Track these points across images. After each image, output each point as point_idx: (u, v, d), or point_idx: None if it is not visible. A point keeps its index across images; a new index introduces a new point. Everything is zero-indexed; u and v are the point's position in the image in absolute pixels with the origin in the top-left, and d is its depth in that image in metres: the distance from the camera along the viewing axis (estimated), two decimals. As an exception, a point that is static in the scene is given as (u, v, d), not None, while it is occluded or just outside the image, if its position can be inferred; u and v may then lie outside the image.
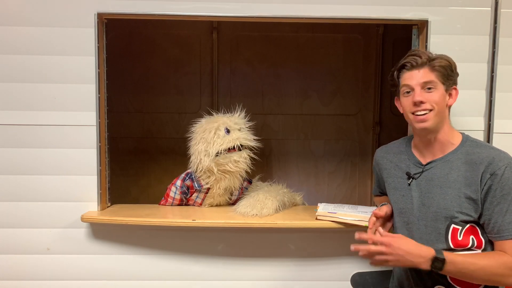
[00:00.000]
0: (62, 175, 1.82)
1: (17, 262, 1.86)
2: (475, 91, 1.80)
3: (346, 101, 3.14)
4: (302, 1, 1.76)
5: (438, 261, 1.25)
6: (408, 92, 1.41)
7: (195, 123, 1.93)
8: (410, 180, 1.46)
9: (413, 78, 1.39)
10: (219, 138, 1.81)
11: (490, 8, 1.77)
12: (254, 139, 1.90)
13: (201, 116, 1.95)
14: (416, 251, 1.27)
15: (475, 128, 1.79)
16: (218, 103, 3.07)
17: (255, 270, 1.88)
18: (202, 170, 1.85)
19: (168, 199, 1.98)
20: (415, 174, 1.45)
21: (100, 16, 1.76)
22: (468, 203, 1.34)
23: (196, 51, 3.05)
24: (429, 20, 1.76)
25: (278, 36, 3.04)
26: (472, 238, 1.34)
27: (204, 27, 3.02)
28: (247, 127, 1.92)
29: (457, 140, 1.43)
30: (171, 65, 3.04)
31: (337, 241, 1.86)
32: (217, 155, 1.80)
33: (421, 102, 1.36)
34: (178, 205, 1.99)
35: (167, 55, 3.02)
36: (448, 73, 1.39)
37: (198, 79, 3.08)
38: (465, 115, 1.80)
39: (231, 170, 1.83)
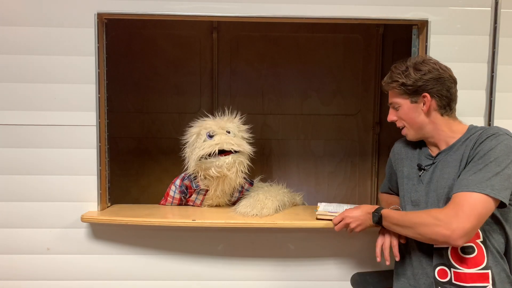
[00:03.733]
0: (62, 175, 1.82)
1: (17, 262, 1.86)
2: (475, 91, 1.81)
3: (346, 101, 3.15)
4: (302, 1, 1.76)
5: (375, 216, 1.47)
6: None
7: (191, 125, 1.91)
8: (421, 172, 1.49)
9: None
10: (199, 143, 1.79)
11: (490, 8, 1.77)
12: (249, 142, 1.86)
13: (201, 116, 1.94)
14: (361, 211, 1.53)
15: (475, 128, 1.80)
16: (218, 103, 3.07)
17: (255, 270, 1.88)
18: (193, 173, 1.85)
19: (168, 198, 1.99)
20: (426, 166, 1.48)
21: (100, 16, 1.76)
22: None
23: (196, 51, 3.05)
24: (429, 20, 1.76)
25: (278, 36, 3.04)
26: None
27: (204, 27, 3.02)
28: (240, 130, 1.88)
29: (462, 131, 1.45)
30: (171, 65, 3.04)
31: (337, 241, 1.86)
32: (200, 160, 1.78)
33: (393, 121, 1.54)
34: (178, 205, 1.99)
35: (167, 55, 3.02)
36: (406, 88, 1.45)
37: (198, 79, 3.08)
38: (465, 115, 1.79)
39: (214, 175, 1.78)
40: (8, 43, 1.77)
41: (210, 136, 1.79)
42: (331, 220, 1.69)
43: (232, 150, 1.77)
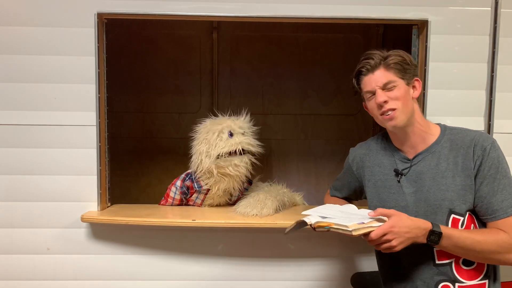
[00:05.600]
0: (62, 175, 1.82)
1: (17, 262, 1.86)
2: (475, 91, 1.81)
3: (346, 101, 3.14)
4: (302, 1, 1.76)
5: (434, 234, 1.26)
6: (371, 96, 1.42)
7: (199, 123, 1.92)
8: (399, 177, 1.43)
9: (371, 82, 1.39)
10: (221, 141, 1.80)
11: (490, 8, 1.77)
12: (257, 145, 1.89)
13: (201, 116, 1.94)
14: (413, 226, 1.26)
15: (475, 128, 1.79)
16: (218, 103, 3.07)
17: (255, 270, 1.88)
18: (202, 171, 1.85)
19: (168, 199, 1.98)
20: (403, 170, 1.43)
21: (100, 16, 1.76)
22: (465, 189, 1.34)
23: (196, 51, 3.05)
24: (429, 20, 1.76)
25: (278, 36, 3.04)
26: (472, 227, 1.35)
27: (204, 27, 3.02)
28: (251, 132, 1.91)
29: (435, 131, 1.43)
30: (171, 65, 3.04)
31: (337, 241, 1.86)
32: (218, 158, 1.80)
33: (385, 102, 1.36)
34: (178, 205, 1.99)
35: (167, 55, 3.02)
36: (404, 67, 1.38)
37: (198, 79, 3.08)
38: (465, 115, 1.80)
39: (231, 173, 1.82)
40: (8, 43, 1.77)
41: (231, 135, 1.82)
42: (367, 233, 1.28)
43: (242, 151, 1.82)
